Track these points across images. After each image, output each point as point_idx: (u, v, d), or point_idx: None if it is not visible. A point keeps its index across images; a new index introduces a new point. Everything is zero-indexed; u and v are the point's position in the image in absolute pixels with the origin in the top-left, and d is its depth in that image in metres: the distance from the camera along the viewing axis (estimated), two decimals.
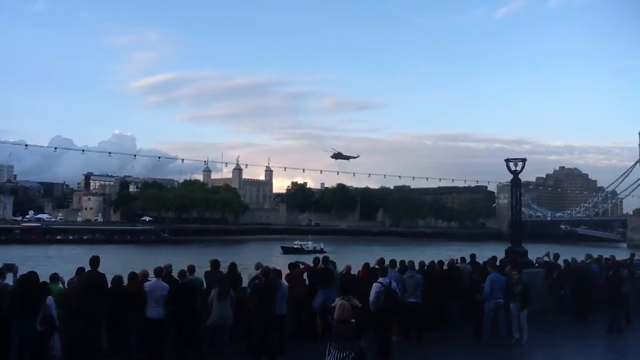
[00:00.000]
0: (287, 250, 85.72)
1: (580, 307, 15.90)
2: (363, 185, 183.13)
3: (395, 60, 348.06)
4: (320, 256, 13.57)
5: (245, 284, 11.89)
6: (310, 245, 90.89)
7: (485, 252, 18.50)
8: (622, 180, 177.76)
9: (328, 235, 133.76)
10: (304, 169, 68.01)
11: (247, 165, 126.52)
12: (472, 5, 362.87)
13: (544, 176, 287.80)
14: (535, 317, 14.73)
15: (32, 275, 9.76)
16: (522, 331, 12.66)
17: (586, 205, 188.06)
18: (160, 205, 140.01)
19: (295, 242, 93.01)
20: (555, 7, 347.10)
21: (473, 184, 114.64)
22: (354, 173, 77.43)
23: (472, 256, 15.75)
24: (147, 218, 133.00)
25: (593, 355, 13.05)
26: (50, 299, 9.30)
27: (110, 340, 10.12)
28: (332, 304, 7.89)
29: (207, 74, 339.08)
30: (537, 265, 17.38)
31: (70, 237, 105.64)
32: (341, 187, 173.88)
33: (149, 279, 11.07)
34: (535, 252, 18.74)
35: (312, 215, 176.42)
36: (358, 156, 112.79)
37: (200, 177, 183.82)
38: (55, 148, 38.05)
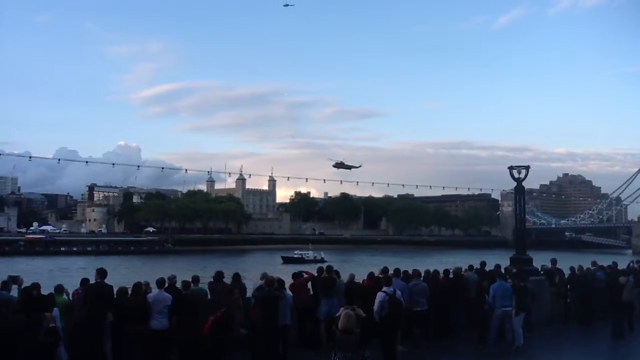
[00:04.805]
0: (287, 260, 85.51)
1: (585, 314, 15.84)
2: (366, 194, 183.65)
3: (397, 68, 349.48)
4: (324, 265, 13.56)
5: (249, 294, 11.88)
6: (310, 254, 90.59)
7: (490, 260, 18.41)
8: (626, 187, 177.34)
9: (332, 244, 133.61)
10: (307, 179, 68.34)
11: (250, 175, 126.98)
12: (473, 13, 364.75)
13: (548, 183, 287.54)
14: (542, 324, 14.70)
15: (35, 287, 9.78)
16: (516, 337, 12.59)
17: (590, 212, 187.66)
18: (164, 216, 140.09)
19: (296, 252, 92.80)
20: (556, 15, 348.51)
21: (476, 192, 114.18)
22: (357, 182, 77.62)
23: (482, 264, 15.71)
24: (151, 229, 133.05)
25: None
26: (55, 311, 9.30)
27: (115, 352, 10.10)
28: (337, 314, 7.88)
29: (210, 84, 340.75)
30: (542, 272, 17.33)
31: (75, 249, 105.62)
32: (344, 196, 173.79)
33: (150, 287, 11.09)
34: (539, 260, 18.68)
35: (316, 225, 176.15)
36: (360, 166, 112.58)
37: (203, 187, 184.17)
38: (59, 160, 38.07)
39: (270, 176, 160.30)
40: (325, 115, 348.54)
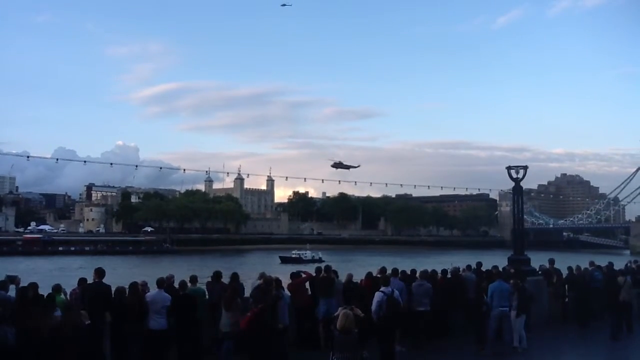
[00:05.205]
0: (285, 260, 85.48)
1: (583, 314, 15.87)
2: (365, 194, 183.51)
3: (396, 68, 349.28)
4: (323, 265, 13.55)
5: (247, 294, 11.88)
6: (308, 254, 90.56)
7: (488, 261, 18.43)
8: (624, 187, 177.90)
9: (330, 244, 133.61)
10: (305, 179, 68.36)
11: (248, 175, 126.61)
12: (472, 14, 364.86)
13: (546, 183, 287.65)
14: (540, 324, 14.72)
15: (32, 287, 9.78)
16: (521, 339, 12.60)
17: (588, 212, 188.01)
18: (162, 216, 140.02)
19: (294, 252, 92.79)
20: (555, 16, 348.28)
21: (475, 192, 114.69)
22: (355, 182, 77.28)
23: (479, 264, 15.73)
24: (149, 228, 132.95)
25: None
26: (57, 311, 9.29)
27: (113, 351, 10.08)
28: (335, 314, 7.89)
29: (208, 84, 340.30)
30: (539, 272, 17.34)
31: (72, 248, 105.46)
32: (343, 196, 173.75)
33: (148, 287, 11.07)
34: (537, 260, 18.71)
35: (314, 225, 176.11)
36: (358, 166, 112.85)
37: (202, 187, 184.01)
38: (57, 159, 37.70)
39: (268, 176, 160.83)
40: (324, 115, 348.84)
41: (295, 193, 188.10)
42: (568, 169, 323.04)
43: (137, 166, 64.15)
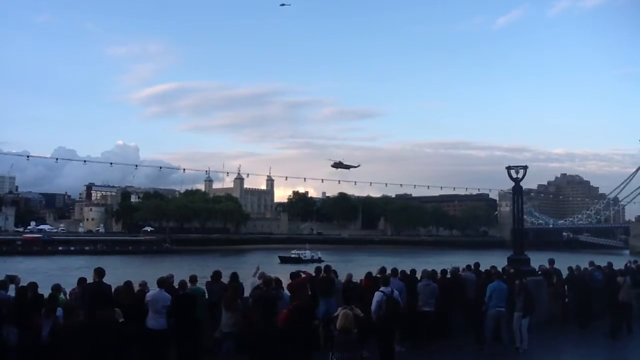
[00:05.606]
0: (284, 260, 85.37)
1: (583, 315, 15.85)
2: (364, 194, 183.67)
3: (396, 68, 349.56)
4: (322, 265, 13.55)
5: (247, 293, 11.86)
6: (308, 254, 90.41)
7: (488, 261, 18.41)
8: (624, 187, 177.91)
9: (330, 244, 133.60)
10: (305, 178, 68.18)
11: (248, 174, 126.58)
12: (472, 13, 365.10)
13: (546, 183, 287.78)
14: (540, 325, 14.71)
15: (31, 287, 9.76)
16: (522, 340, 12.59)
17: (588, 212, 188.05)
18: (162, 216, 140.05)
19: (293, 252, 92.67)
20: (555, 16, 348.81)
21: (474, 192, 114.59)
22: (355, 182, 77.27)
23: (476, 265, 15.73)
24: (149, 228, 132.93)
25: None
26: (59, 311, 9.29)
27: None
28: (335, 314, 7.89)
29: (208, 84, 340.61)
30: (539, 273, 17.33)
31: (72, 248, 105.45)
32: (342, 196, 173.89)
33: (148, 287, 11.06)
34: (537, 260, 18.69)
35: (314, 225, 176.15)
36: (358, 165, 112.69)
37: (201, 186, 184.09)
38: (57, 159, 37.58)
39: (268, 176, 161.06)
40: (324, 115, 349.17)
41: (295, 193, 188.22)
42: (568, 169, 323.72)
43: (137, 166, 64.23)
